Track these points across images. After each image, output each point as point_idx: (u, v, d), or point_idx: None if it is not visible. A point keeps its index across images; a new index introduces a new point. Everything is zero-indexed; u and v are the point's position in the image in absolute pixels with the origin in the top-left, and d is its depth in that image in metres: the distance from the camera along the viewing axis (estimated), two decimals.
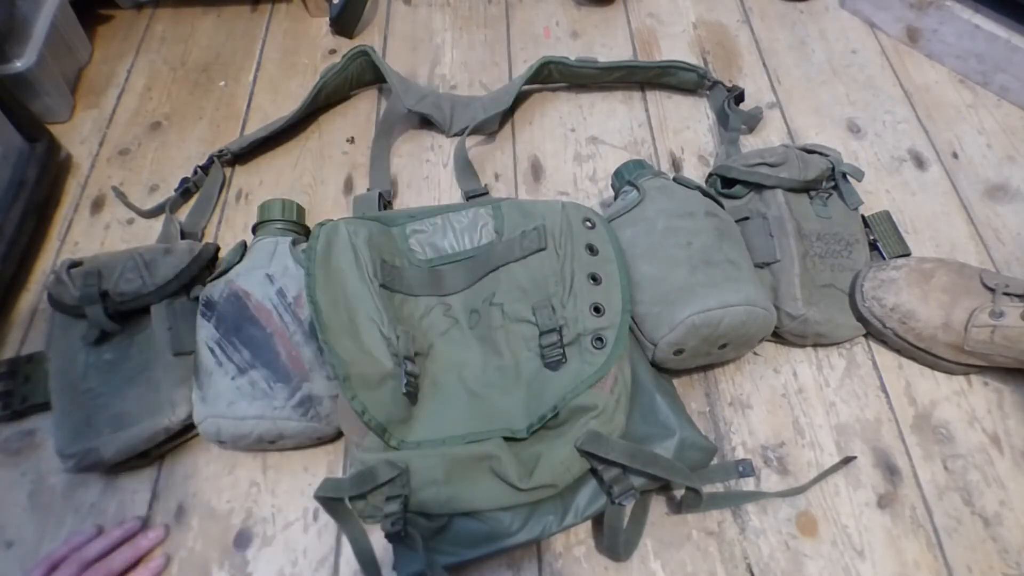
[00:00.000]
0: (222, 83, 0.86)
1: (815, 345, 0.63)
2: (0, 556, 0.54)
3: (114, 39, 0.91)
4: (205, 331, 0.55)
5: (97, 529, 0.54)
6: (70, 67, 0.85)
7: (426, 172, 0.77)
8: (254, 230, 0.64)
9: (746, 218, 0.64)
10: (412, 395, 0.51)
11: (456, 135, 0.80)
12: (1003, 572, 0.52)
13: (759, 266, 0.61)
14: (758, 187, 0.65)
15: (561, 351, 0.53)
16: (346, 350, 0.50)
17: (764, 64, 0.87)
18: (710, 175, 0.69)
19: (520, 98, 0.81)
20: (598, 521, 0.53)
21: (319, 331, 0.50)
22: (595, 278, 0.55)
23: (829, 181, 0.67)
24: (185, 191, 0.74)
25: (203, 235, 0.72)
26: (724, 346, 0.57)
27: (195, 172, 0.74)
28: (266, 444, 0.55)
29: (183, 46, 0.91)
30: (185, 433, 0.57)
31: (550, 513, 0.50)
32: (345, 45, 0.90)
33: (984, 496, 0.56)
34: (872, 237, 0.67)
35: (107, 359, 0.57)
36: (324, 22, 0.92)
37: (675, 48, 0.88)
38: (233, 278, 0.58)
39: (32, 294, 0.68)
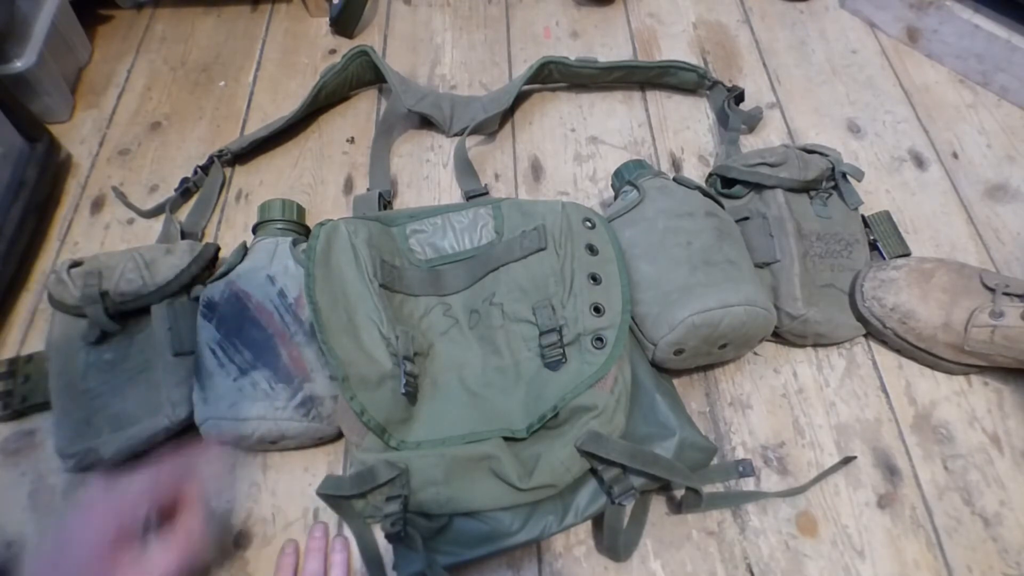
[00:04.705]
0: (222, 83, 0.86)
1: (815, 345, 0.63)
2: (0, 556, 0.54)
3: (114, 39, 0.91)
4: (206, 332, 0.55)
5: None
6: (70, 67, 0.85)
7: (426, 172, 0.77)
8: (254, 230, 0.64)
9: (746, 218, 0.64)
10: (411, 395, 0.51)
11: (456, 135, 0.80)
12: (1003, 572, 0.52)
13: (759, 266, 0.61)
14: (758, 187, 0.65)
15: (561, 351, 0.53)
16: (345, 350, 0.50)
17: (764, 64, 0.87)
18: (710, 175, 0.69)
19: (520, 98, 0.81)
20: (598, 521, 0.53)
21: (318, 331, 0.50)
22: (595, 278, 0.55)
23: (829, 181, 0.67)
24: (185, 191, 0.74)
25: (203, 235, 0.72)
26: (724, 346, 0.57)
27: (195, 172, 0.74)
28: (267, 444, 0.55)
29: (183, 46, 0.91)
30: (185, 433, 0.57)
31: (550, 513, 0.50)
32: (345, 45, 0.90)
33: (984, 496, 0.56)
34: (872, 237, 0.67)
35: (107, 359, 0.57)
36: (324, 22, 0.92)
37: (675, 48, 0.88)
38: (234, 279, 0.58)
39: (32, 294, 0.68)
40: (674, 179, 0.64)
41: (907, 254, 0.66)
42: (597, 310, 0.54)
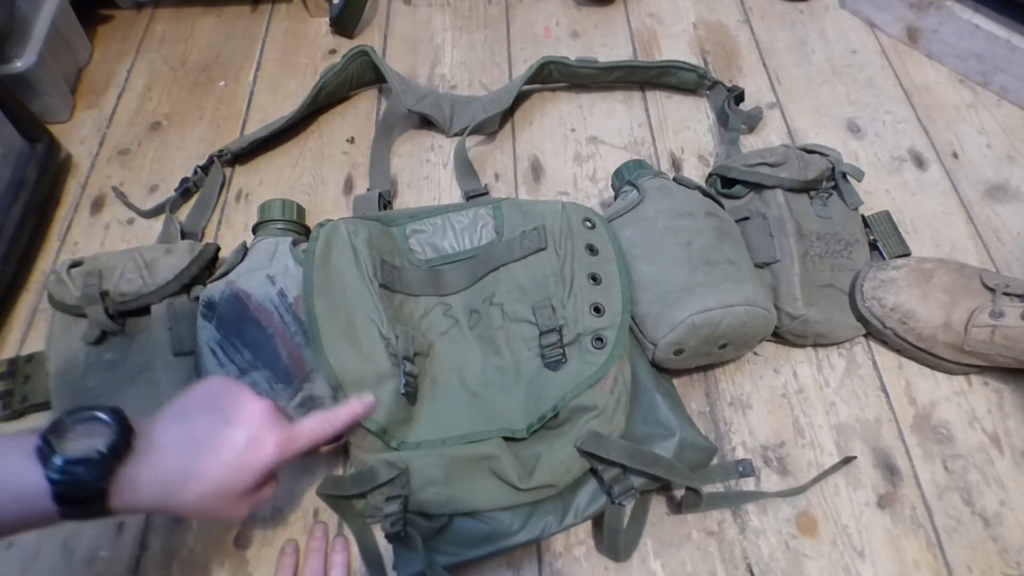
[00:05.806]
0: (222, 83, 0.86)
1: (815, 345, 0.63)
2: (0, 556, 0.54)
3: (114, 39, 0.91)
4: (206, 332, 0.55)
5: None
6: (70, 67, 0.85)
7: (426, 172, 0.77)
8: (254, 230, 0.64)
9: (746, 218, 0.64)
10: (411, 395, 0.51)
11: (456, 135, 0.80)
12: (1003, 572, 0.52)
13: (759, 266, 0.61)
14: (758, 187, 0.65)
15: (561, 351, 0.53)
16: (342, 355, 0.50)
17: (764, 64, 0.87)
18: (710, 175, 0.69)
19: (520, 98, 0.81)
20: (598, 521, 0.53)
21: (311, 340, 0.50)
22: (595, 278, 0.55)
23: (829, 181, 0.67)
24: (185, 191, 0.74)
25: (203, 235, 0.72)
26: (724, 346, 0.57)
27: (195, 172, 0.74)
28: None
29: (183, 46, 0.91)
30: None
31: (550, 513, 0.50)
32: (345, 45, 0.90)
33: (984, 496, 0.56)
34: (872, 237, 0.67)
35: (107, 359, 0.57)
36: (324, 22, 0.92)
37: (675, 48, 0.88)
38: (234, 279, 0.57)
39: (32, 294, 0.68)
40: (674, 179, 0.64)
41: (907, 254, 0.66)
42: (597, 310, 0.54)
